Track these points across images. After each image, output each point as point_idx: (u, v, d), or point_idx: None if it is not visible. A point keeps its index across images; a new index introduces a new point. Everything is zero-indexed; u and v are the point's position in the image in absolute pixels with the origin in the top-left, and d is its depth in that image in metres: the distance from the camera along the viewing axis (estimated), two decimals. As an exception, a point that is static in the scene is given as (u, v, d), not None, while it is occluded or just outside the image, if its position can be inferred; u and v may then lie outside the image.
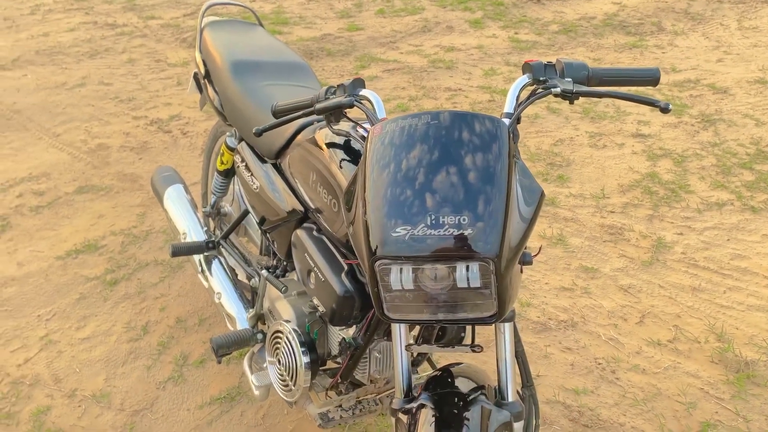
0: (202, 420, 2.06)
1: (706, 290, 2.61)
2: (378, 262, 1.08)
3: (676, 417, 2.06)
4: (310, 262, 1.55)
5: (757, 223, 3.01)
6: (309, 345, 1.52)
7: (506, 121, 1.22)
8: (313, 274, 1.54)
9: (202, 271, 2.11)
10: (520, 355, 1.41)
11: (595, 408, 2.09)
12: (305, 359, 1.49)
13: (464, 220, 1.04)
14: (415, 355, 1.66)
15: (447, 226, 1.04)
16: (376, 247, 1.08)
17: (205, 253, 2.10)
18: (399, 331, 1.28)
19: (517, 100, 1.27)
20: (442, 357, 2.18)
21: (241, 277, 2.14)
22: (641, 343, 2.36)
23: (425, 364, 1.92)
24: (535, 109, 4.23)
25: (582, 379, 2.20)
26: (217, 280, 2.04)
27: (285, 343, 1.53)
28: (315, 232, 1.61)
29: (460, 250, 1.04)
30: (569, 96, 1.23)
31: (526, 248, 1.18)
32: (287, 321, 1.59)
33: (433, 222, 1.04)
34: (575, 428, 2.02)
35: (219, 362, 1.81)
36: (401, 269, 1.08)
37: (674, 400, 2.12)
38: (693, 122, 4.00)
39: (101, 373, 2.24)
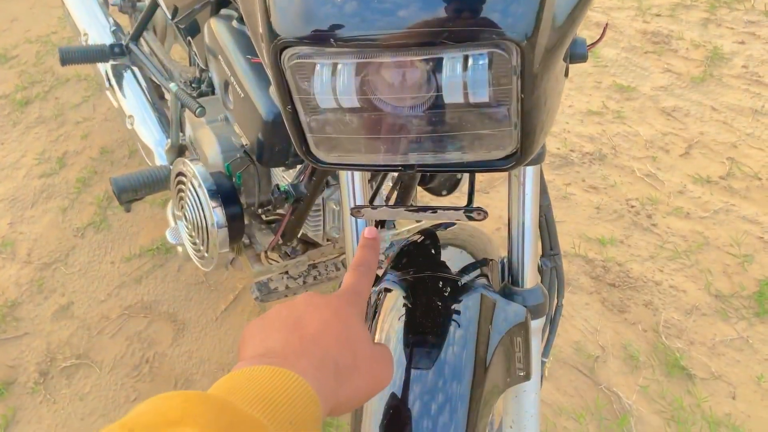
0: (129, 276, 1.64)
1: (771, 114, 2.07)
2: (287, 54, 0.54)
3: (726, 273, 1.63)
4: (226, 68, 1.00)
5: (841, 28, 2.37)
6: (226, 194, 1.02)
7: None
8: (231, 87, 1.01)
9: (110, 85, 1.56)
10: (544, 211, 0.91)
11: (625, 263, 1.66)
12: (217, 216, 1.00)
13: (460, -47, 0.48)
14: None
15: (425, -26, 0.48)
16: (282, 20, 0.53)
17: (112, 62, 1.53)
18: (349, 182, 0.77)
19: None
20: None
21: (168, 96, 1.59)
22: (686, 180, 1.87)
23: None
24: None
25: (609, 227, 1.75)
26: (129, 99, 1.51)
27: (190, 191, 1.04)
28: (235, 22, 1.05)
29: (451, 22, 0.49)
30: None
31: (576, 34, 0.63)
32: (195, 159, 1.07)
33: (397, -36, 0.48)
34: (599, 288, 1.60)
35: (127, 210, 1.33)
36: (334, 67, 0.54)
37: (725, 252, 1.68)
38: None
39: (5, 215, 1.79)
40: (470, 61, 0.51)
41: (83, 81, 2.21)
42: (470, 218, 0.67)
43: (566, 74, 0.63)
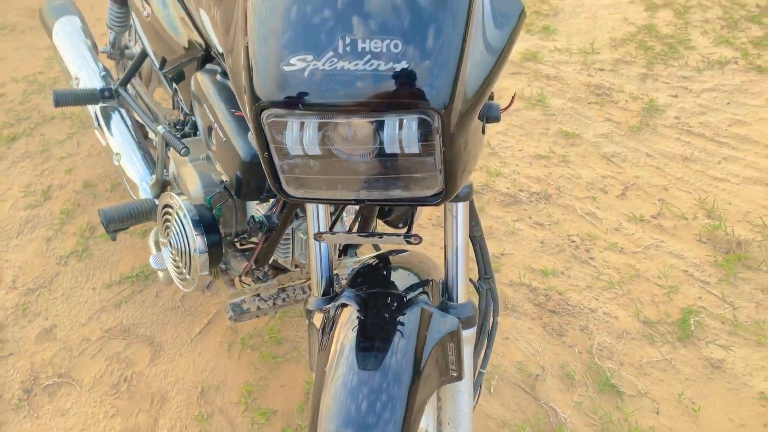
0: (109, 301, 1.76)
1: (698, 160, 2.30)
2: (265, 113, 0.71)
3: (654, 302, 1.82)
4: (210, 115, 1.16)
5: (762, 84, 2.65)
6: (208, 224, 1.18)
7: None
8: (214, 131, 1.17)
9: (99, 126, 1.70)
10: (477, 241, 1.09)
11: (565, 291, 1.84)
12: (199, 243, 1.15)
13: (395, 46, 0.66)
14: (340, 245, 1.34)
15: (369, 57, 0.66)
16: (262, 88, 0.70)
17: (102, 104, 1.69)
18: (315, 212, 0.93)
19: None
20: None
21: (152, 136, 1.75)
22: (621, 218, 2.08)
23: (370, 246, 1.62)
24: (522, -54, 3.64)
25: (552, 259, 1.94)
26: (116, 138, 1.65)
27: (175, 221, 1.19)
28: (218, 76, 1.21)
29: (390, 96, 0.67)
30: None
31: (491, 97, 0.82)
32: (180, 193, 1.23)
33: (348, 49, 0.66)
34: (540, 314, 1.77)
35: (113, 239, 1.47)
36: (301, 125, 0.71)
37: (654, 284, 1.87)
38: (699, -32, 3.49)
39: (-9, 245, 1.90)
40: (404, 123, 0.69)
41: (68, 119, 2.34)
42: (408, 242, 0.84)
43: (483, 131, 0.82)
